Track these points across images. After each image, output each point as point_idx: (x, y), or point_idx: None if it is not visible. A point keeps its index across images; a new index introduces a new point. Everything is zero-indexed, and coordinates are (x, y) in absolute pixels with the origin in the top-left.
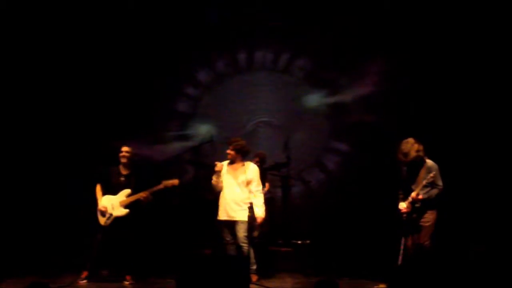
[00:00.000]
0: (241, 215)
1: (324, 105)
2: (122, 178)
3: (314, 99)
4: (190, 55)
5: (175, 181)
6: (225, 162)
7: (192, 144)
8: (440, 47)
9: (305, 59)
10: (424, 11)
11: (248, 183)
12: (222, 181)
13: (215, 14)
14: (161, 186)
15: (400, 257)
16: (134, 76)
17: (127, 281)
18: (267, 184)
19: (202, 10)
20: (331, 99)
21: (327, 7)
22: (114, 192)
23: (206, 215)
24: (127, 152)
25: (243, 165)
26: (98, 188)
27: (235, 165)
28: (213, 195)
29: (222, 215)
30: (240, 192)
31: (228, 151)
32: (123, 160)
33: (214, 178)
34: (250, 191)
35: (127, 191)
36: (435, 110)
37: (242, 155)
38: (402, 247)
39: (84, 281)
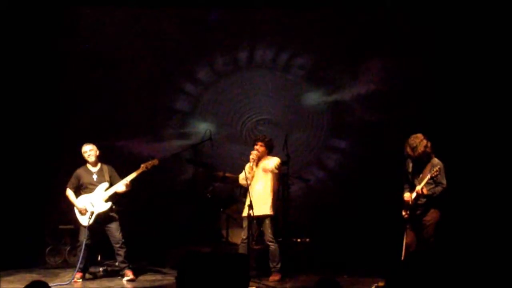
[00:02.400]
0: (266, 210)
1: (324, 103)
2: (95, 175)
3: (314, 97)
4: (190, 53)
5: (155, 161)
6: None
7: (191, 142)
8: (441, 45)
9: (305, 57)
10: (424, 8)
11: (268, 170)
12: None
13: (215, 12)
14: (141, 169)
15: (403, 254)
16: (133, 74)
17: (127, 277)
18: None
19: (202, 8)
20: (331, 97)
21: (327, 5)
22: (90, 190)
23: (206, 213)
24: (91, 150)
25: (267, 159)
26: (69, 192)
27: (260, 162)
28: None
29: (246, 212)
30: (265, 186)
31: (257, 148)
32: (91, 159)
33: (247, 170)
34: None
35: (105, 185)
36: (436, 109)
37: (270, 150)
38: (404, 244)
39: (80, 280)
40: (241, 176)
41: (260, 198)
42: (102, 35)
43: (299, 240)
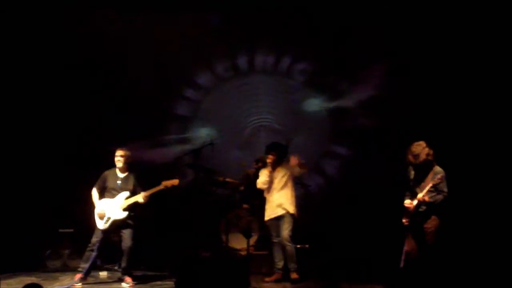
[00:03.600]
0: (285, 216)
1: (325, 109)
2: (119, 181)
3: (315, 103)
4: (191, 58)
5: (175, 181)
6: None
7: (192, 147)
8: (441, 51)
9: (306, 63)
10: (425, 14)
11: (287, 180)
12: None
13: (216, 17)
14: (161, 187)
15: (402, 261)
16: (134, 79)
17: (127, 283)
18: None
19: (203, 13)
20: (332, 103)
21: (327, 11)
22: (112, 195)
23: (206, 218)
24: (121, 156)
25: (282, 168)
26: (94, 192)
27: (278, 169)
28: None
29: (268, 215)
30: (285, 191)
31: (270, 156)
32: (119, 164)
33: (265, 174)
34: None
35: (126, 193)
36: (436, 115)
37: (282, 158)
38: (404, 251)
39: (79, 284)
40: (260, 181)
41: (279, 201)
42: (103, 41)
43: (299, 246)
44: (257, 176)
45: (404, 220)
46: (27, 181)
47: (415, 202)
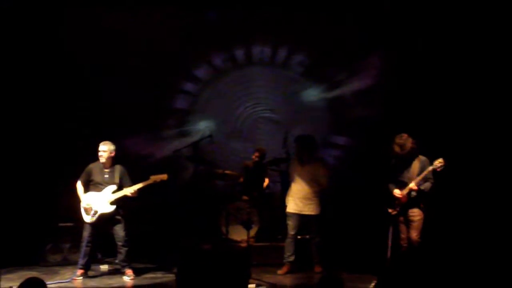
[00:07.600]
0: (310, 210)
1: (323, 99)
2: (106, 175)
3: (313, 94)
4: (188, 51)
5: (164, 176)
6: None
7: (191, 140)
8: (440, 41)
9: (304, 53)
10: (423, 4)
11: (316, 179)
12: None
13: (213, 10)
14: (149, 181)
15: (389, 251)
16: (132, 73)
17: (128, 276)
18: (266, 180)
19: (201, 6)
20: (330, 94)
21: (326, 1)
22: (98, 189)
23: (206, 210)
24: (103, 151)
25: (312, 162)
26: (79, 185)
27: (307, 162)
28: None
29: (292, 208)
30: (308, 188)
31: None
32: (102, 160)
33: None
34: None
35: (113, 187)
36: (435, 104)
37: (309, 152)
38: (389, 240)
39: (80, 277)
40: None
41: (307, 196)
42: (101, 34)
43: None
44: (255, 168)
45: (390, 210)
46: (27, 175)
47: (405, 191)
